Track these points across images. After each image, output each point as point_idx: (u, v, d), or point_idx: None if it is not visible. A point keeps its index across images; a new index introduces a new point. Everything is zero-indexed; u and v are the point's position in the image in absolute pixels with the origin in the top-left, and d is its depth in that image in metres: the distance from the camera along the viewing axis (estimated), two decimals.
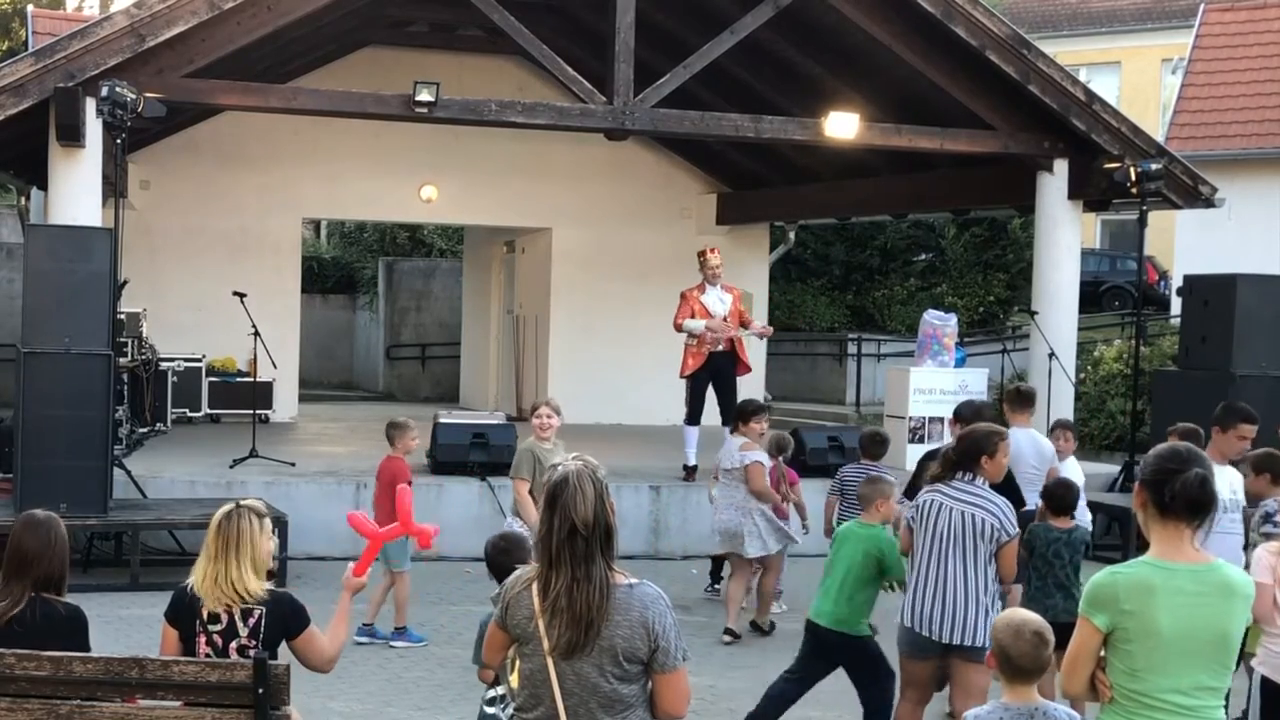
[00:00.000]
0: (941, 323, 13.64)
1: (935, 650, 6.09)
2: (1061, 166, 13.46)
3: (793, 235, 20.50)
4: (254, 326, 12.87)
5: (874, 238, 24.89)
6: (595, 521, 3.57)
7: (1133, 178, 12.72)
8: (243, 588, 4.60)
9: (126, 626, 8.74)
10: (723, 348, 12.12)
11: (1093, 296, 23.92)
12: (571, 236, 18.03)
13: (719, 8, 13.59)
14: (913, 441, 12.92)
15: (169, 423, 15.30)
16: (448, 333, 24.17)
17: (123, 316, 12.49)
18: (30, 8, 22.00)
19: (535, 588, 3.62)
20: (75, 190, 11.19)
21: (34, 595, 4.68)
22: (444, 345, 24.15)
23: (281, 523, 9.88)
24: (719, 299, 12.16)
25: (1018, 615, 4.47)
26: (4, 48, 29.27)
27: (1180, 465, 3.75)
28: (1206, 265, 15.23)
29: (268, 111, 13.72)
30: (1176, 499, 3.72)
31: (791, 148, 16.24)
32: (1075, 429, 10.07)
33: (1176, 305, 19.10)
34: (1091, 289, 23.39)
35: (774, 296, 21.35)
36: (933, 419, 13.11)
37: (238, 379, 16.10)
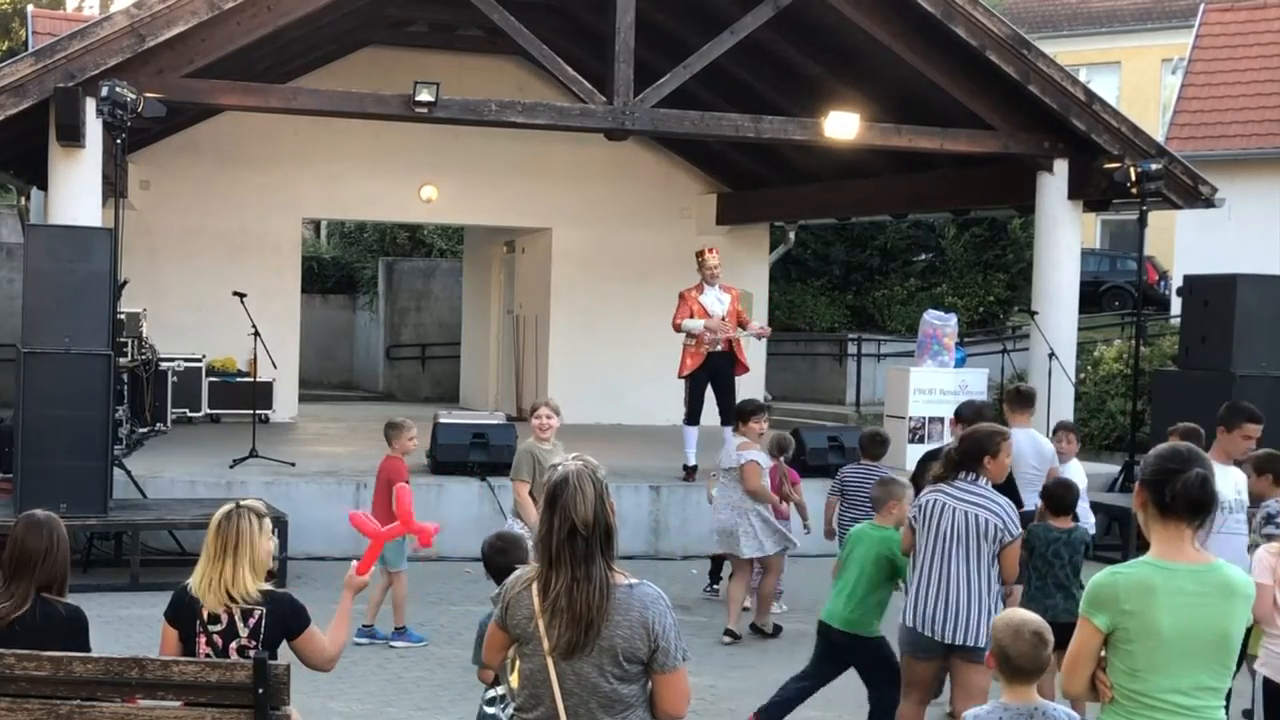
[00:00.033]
0: (941, 323, 13.64)
1: (938, 650, 6.09)
2: (1061, 166, 13.46)
3: (793, 235, 20.50)
4: (254, 326, 12.88)
5: (874, 238, 24.88)
6: (595, 521, 3.56)
7: (1133, 178, 12.72)
8: (243, 588, 4.59)
9: (126, 626, 8.74)
10: (721, 348, 12.13)
11: (1093, 296, 23.91)
12: (571, 236, 18.03)
13: (719, 8, 13.59)
14: (913, 441, 12.91)
15: (169, 423, 15.30)
16: (448, 333, 24.16)
17: (123, 316, 12.49)
18: (30, 8, 21.99)
19: (535, 588, 3.61)
20: (75, 190, 11.19)
21: (38, 596, 4.68)
22: (444, 345, 24.15)
23: (281, 523, 9.88)
24: (717, 299, 12.17)
25: (1017, 615, 4.47)
26: (4, 48, 29.26)
27: (1181, 465, 3.74)
28: (1206, 265, 15.23)
29: (268, 111, 13.73)
30: (1177, 499, 3.72)
31: (791, 148, 16.24)
32: (1078, 431, 10.05)
33: (1176, 305, 19.10)
34: (1091, 289, 23.39)
35: (774, 296, 21.35)
36: (933, 419, 13.10)
37: (238, 379, 16.10)
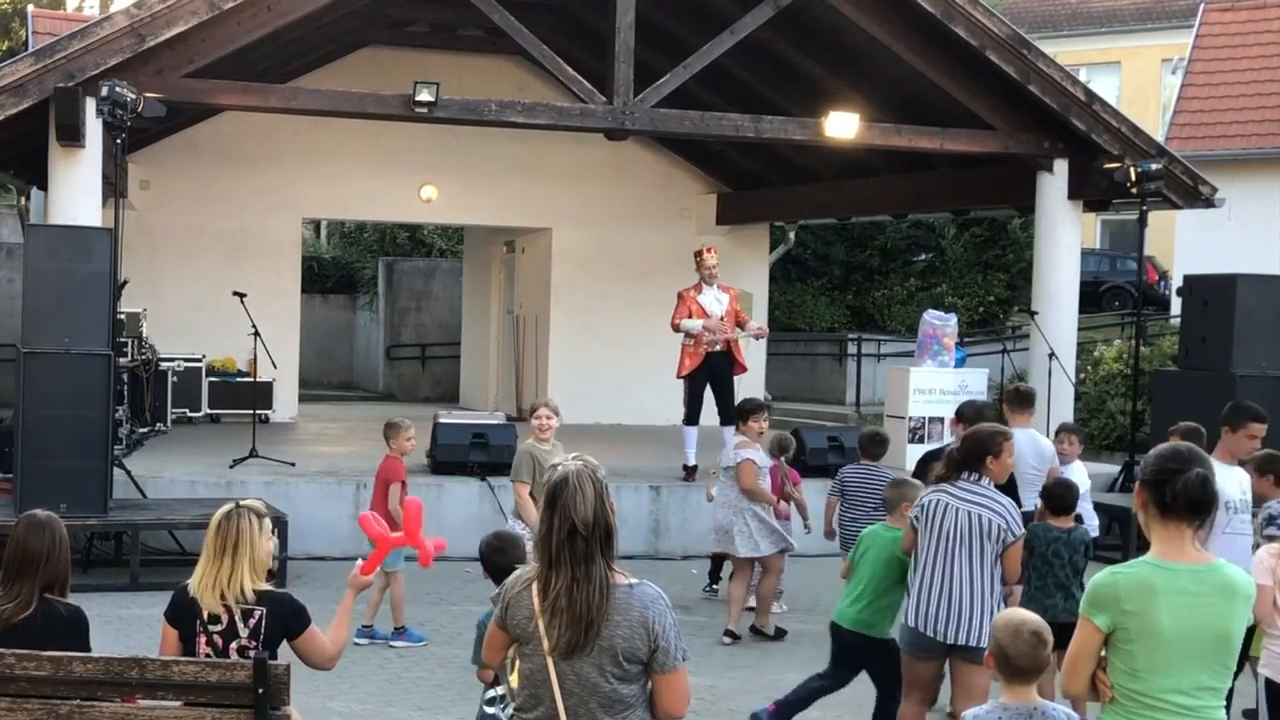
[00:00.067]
0: (941, 323, 13.63)
1: (940, 650, 6.08)
2: (1061, 166, 13.46)
3: (793, 235, 20.49)
4: (254, 326, 12.87)
5: (874, 238, 24.88)
6: (595, 521, 3.56)
7: (1133, 178, 12.72)
8: (243, 588, 4.59)
9: (126, 626, 8.73)
10: (720, 348, 12.14)
11: (1093, 296, 23.92)
12: (571, 236, 18.03)
13: (719, 8, 13.58)
14: (913, 442, 12.91)
15: (169, 423, 15.30)
16: (448, 333, 24.16)
17: (123, 316, 12.49)
18: (30, 8, 22.00)
19: (535, 588, 3.61)
20: (75, 190, 11.18)
21: (41, 597, 4.68)
22: (444, 345, 24.14)
23: (281, 523, 9.88)
24: (716, 299, 12.18)
25: (1016, 615, 4.47)
26: (4, 48, 29.26)
27: (1181, 465, 3.74)
28: (1206, 265, 15.23)
29: (268, 111, 13.72)
30: (1178, 499, 3.72)
31: (791, 148, 16.24)
32: (1080, 432, 10.03)
33: (1176, 305, 19.10)
34: (1091, 289, 23.39)
35: (774, 296, 21.35)
36: (933, 419, 13.10)
37: (238, 379, 16.10)
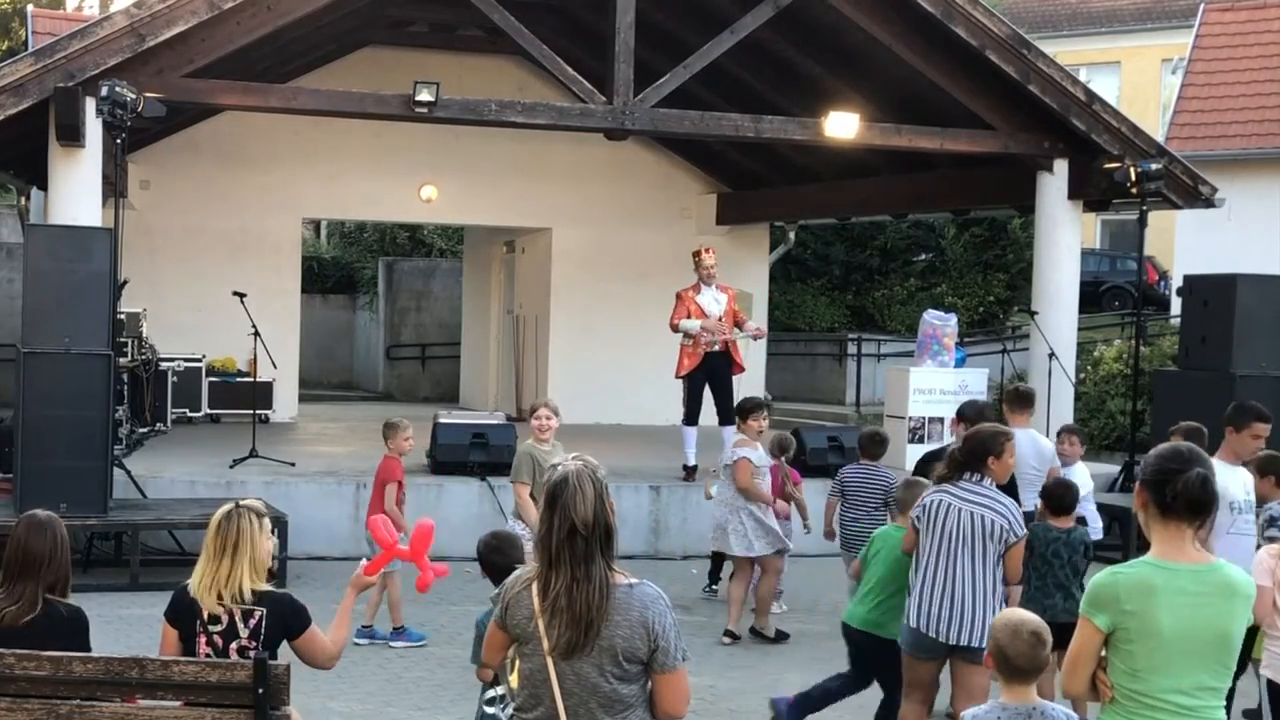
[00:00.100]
0: (941, 323, 13.64)
1: (941, 651, 6.07)
2: (1061, 166, 13.45)
3: (793, 235, 20.49)
4: (254, 326, 12.87)
5: (874, 238, 24.88)
6: (595, 521, 3.56)
7: (1133, 178, 12.72)
8: (243, 588, 4.59)
9: (126, 626, 8.73)
10: (718, 348, 12.15)
11: (1093, 296, 23.91)
12: (571, 236, 18.03)
13: (719, 8, 13.58)
14: (913, 442, 12.92)
15: (169, 423, 15.30)
16: (448, 333, 24.16)
17: (123, 316, 12.49)
18: (30, 8, 21.99)
19: (535, 588, 3.61)
20: (75, 190, 11.18)
21: (47, 598, 4.68)
22: (444, 345, 24.14)
23: (281, 523, 9.88)
24: (714, 299, 12.20)
25: (1015, 615, 4.47)
26: (4, 48, 29.26)
27: (1181, 465, 3.74)
28: (1206, 265, 15.22)
29: (268, 111, 13.72)
30: (1178, 499, 3.72)
31: (791, 148, 16.24)
32: (1082, 433, 10.03)
33: (1176, 305, 19.09)
34: (1091, 289, 23.38)
35: (774, 296, 21.34)
36: (932, 419, 13.11)
37: (238, 379, 16.09)
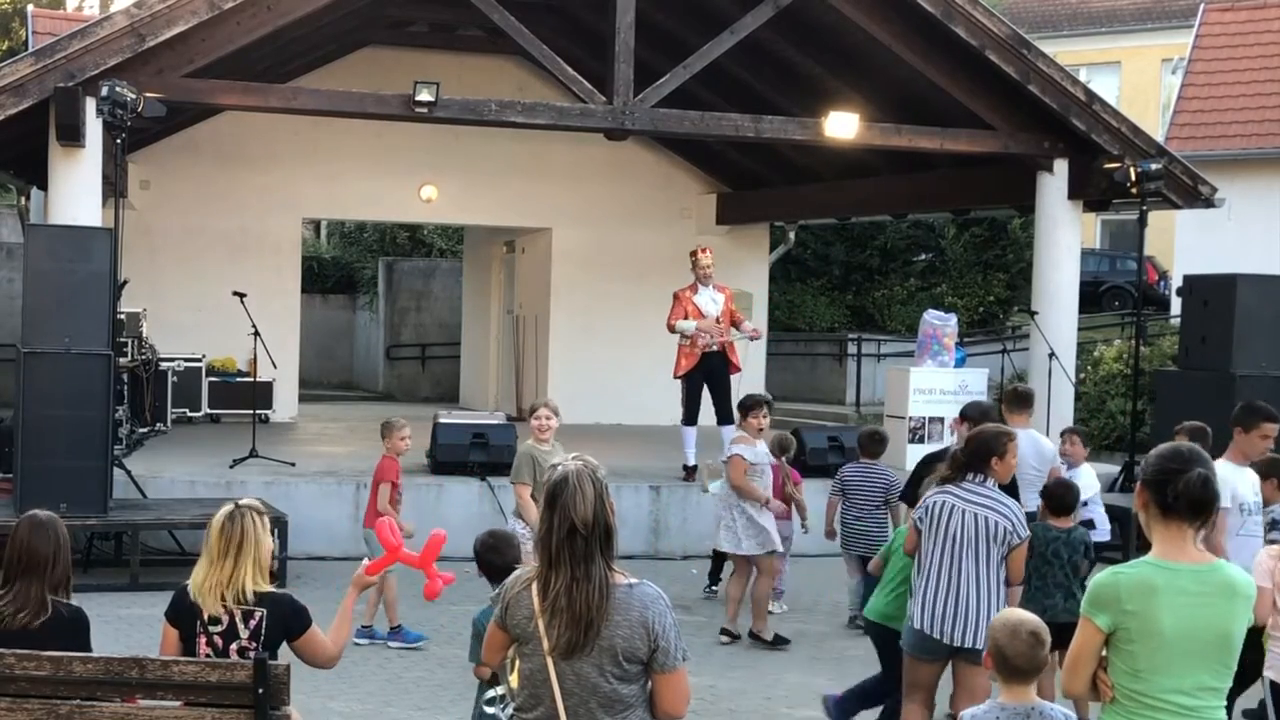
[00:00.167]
0: (941, 323, 13.64)
1: (944, 652, 6.06)
2: (1061, 166, 13.45)
3: (793, 235, 20.49)
4: (254, 326, 12.88)
5: (874, 238, 24.87)
6: (595, 521, 3.56)
7: (1133, 178, 12.71)
8: (248, 589, 4.59)
9: (126, 626, 8.73)
10: (716, 348, 12.15)
11: (1093, 296, 23.90)
12: (571, 236, 18.03)
13: (719, 8, 13.58)
14: (913, 441, 12.92)
15: (169, 423, 15.30)
16: (448, 333, 24.16)
17: (123, 316, 12.49)
18: (30, 8, 21.99)
19: (535, 588, 3.61)
20: (75, 190, 11.18)
21: (53, 599, 4.67)
22: (444, 345, 24.14)
23: (281, 523, 9.88)
24: (711, 299, 12.22)
25: (1014, 615, 4.47)
26: (4, 48, 29.26)
27: (1183, 465, 3.74)
28: (1206, 265, 15.22)
29: (268, 111, 13.72)
30: (1179, 499, 3.71)
31: (791, 148, 16.24)
32: (1084, 434, 10.01)
33: (1176, 305, 19.09)
34: (1091, 289, 23.38)
35: (774, 296, 21.34)
36: (933, 419, 13.11)
37: (238, 379, 16.10)
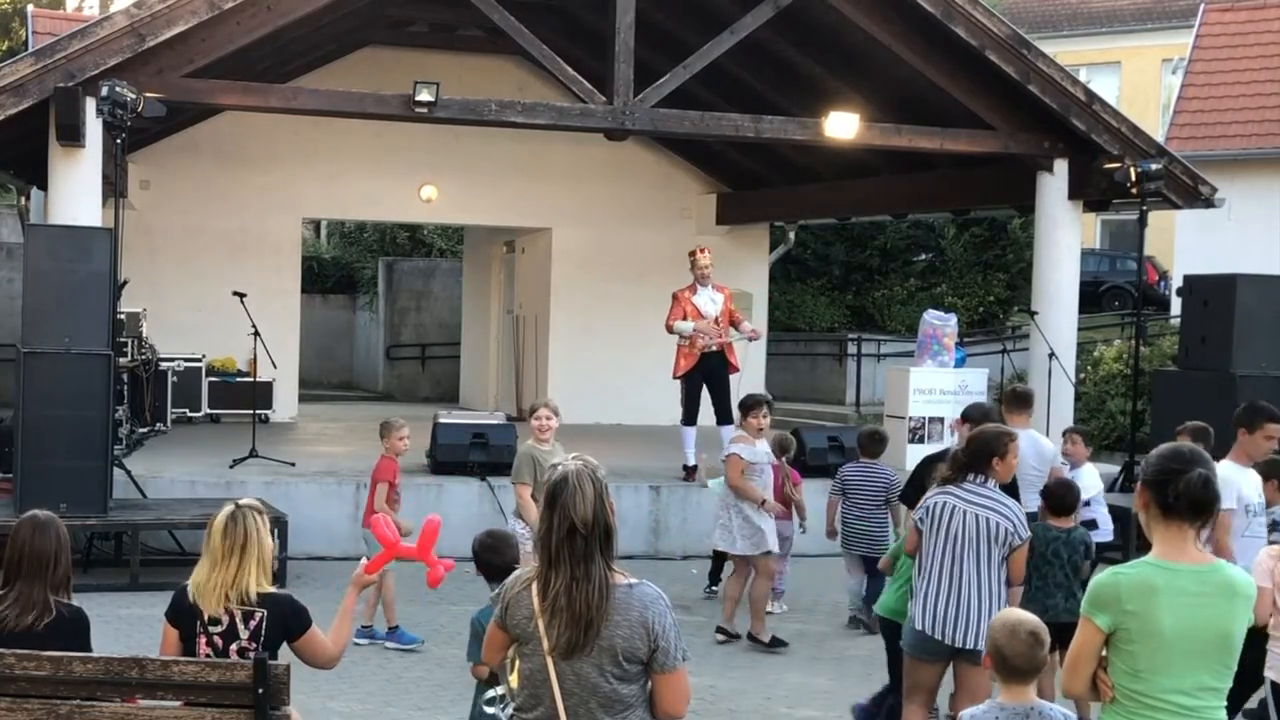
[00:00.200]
0: (941, 323, 13.64)
1: (945, 654, 6.05)
2: (1061, 166, 13.45)
3: (793, 235, 20.49)
4: (254, 326, 12.88)
5: (874, 238, 24.87)
6: (595, 521, 3.56)
7: (1133, 178, 12.70)
8: (249, 590, 4.59)
9: (126, 626, 8.73)
10: (714, 349, 12.16)
11: (1093, 296, 23.90)
12: (571, 236, 18.03)
13: (719, 8, 13.58)
14: (913, 441, 12.93)
15: (169, 423, 15.30)
16: (448, 333, 24.16)
17: (123, 316, 12.49)
18: (30, 8, 21.99)
19: (535, 587, 3.61)
20: (75, 190, 11.17)
21: (56, 599, 4.67)
22: (444, 345, 24.14)
23: (281, 523, 9.89)
24: (710, 299, 12.22)
25: (1013, 615, 4.47)
26: (4, 48, 29.26)
27: (1183, 465, 3.74)
28: (1206, 265, 15.21)
29: (268, 111, 13.72)
30: (1180, 499, 3.71)
31: (791, 148, 16.23)
32: (1086, 434, 10.00)
33: (1176, 305, 19.09)
34: (1091, 289, 23.38)
35: (774, 296, 21.34)
36: (933, 419, 13.12)
37: (238, 379, 16.09)
